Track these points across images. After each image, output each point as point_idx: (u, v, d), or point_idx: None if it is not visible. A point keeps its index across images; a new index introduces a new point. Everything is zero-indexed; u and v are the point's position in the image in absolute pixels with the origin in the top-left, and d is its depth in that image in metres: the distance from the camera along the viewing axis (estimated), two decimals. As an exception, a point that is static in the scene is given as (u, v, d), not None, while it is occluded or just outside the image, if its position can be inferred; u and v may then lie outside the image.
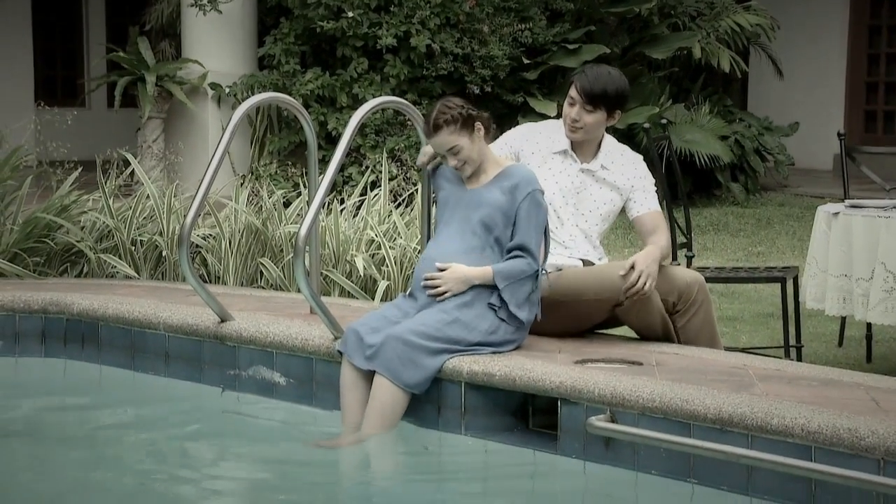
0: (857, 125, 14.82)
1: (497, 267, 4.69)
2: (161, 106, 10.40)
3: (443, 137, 4.72)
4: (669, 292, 4.92)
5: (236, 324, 5.23)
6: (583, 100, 4.98)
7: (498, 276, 4.67)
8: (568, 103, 5.04)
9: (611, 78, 5.03)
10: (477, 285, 4.67)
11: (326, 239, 6.31)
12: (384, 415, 4.53)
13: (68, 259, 6.77)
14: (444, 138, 4.72)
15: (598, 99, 4.98)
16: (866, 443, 3.66)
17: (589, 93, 4.97)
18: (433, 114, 4.74)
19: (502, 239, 4.74)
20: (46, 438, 4.82)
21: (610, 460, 4.20)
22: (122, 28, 13.51)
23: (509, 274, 4.68)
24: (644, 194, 5.10)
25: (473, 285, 4.67)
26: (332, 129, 10.06)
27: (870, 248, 5.17)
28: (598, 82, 4.99)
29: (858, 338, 6.35)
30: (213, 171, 5.02)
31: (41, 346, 5.80)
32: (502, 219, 4.73)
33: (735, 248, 9.42)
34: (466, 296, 4.67)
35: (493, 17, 10.59)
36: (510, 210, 4.72)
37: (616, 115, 5.05)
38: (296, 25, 10.40)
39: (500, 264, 4.70)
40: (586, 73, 5.04)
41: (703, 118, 11.87)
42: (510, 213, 4.72)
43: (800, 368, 4.62)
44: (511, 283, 4.67)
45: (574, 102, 5.01)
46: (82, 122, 10.29)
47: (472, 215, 4.76)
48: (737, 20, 12.25)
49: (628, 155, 5.19)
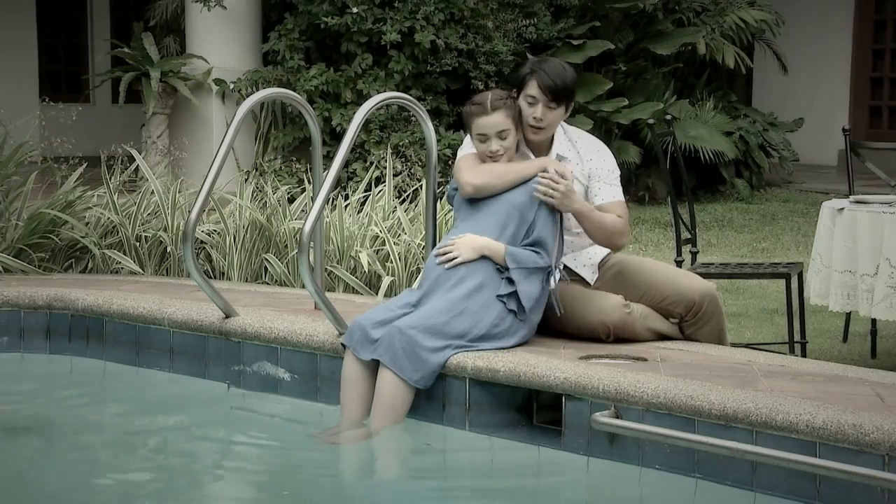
0: (861, 121, 14.80)
1: (510, 248, 4.71)
2: (165, 102, 10.40)
3: (498, 118, 4.80)
4: (676, 303, 4.90)
5: (241, 319, 5.23)
6: (546, 97, 4.84)
7: (509, 257, 4.69)
8: (527, 103, 4.87)
9: (566, 72, 4.89)
10: (486, 276, 4.68)
11: (331, 235, 6.31)
12: (392, 409, 4.53)
13: (73, 255, 6.78)
14: (499, 119, 4.80)
15: (561, 94, 4.85)
16: (871, 438, 3.65)
17: (552, 89, 4.83)
18: (489, 97, 4.83)
19: (517, 236, 4.76)
20: (51, 434, 4.82)
21: (614, 456, 4.20)
22: (126, 23, 13.53)
23: (520, 258, 4.69)
24: (599, 184, 4.95)
25: (481, 280, 4.68)
26: (337, 125, 10.05)
27: (874, 244, 5.16)
28: (559, 78, 4.85)
29: (863, 333, 6.34)
30: (218, 166, 5.02)
31: (46, 342, 5.80)
32: (519, 216, 4.76)
33: (739, 244, 9.42)
34: (475, 280, 4.68)
35: (497, 13, 10.58)
36: (528, 209, 4.75)
37: (571, 107, 4.96)
38: (300, 21, 10.39)
39: (513, 247, 4.72)
40: (544, 70, 4.86)
41: (707, 114, 11.86)
42: (528, 212, 4.75)
43: (804, 364, 4.62)
44: (521, 268, 4.68)
45: (535, 101, 4.86)
46: (87, 118, 10.30)
47: (489, 212, 4.79)
48: (741, 16, 12.24)
49: (583, 141, 5.04)
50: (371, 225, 6.44)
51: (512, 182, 4.80)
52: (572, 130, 5.06)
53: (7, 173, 6.91)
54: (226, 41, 10.58)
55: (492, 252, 4.72)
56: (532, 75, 4.88)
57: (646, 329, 4.88)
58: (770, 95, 14.89)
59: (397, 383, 4.53)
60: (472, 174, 4.83)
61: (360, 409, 4.62)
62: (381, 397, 4.55)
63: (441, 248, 4.78)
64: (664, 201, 11.12)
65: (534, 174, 4.79)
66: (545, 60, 4.98)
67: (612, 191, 4.95)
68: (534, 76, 4.87)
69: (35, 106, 11.26)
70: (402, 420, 4.55)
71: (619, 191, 4.98)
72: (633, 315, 4.84)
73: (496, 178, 4.80)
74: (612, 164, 4.99)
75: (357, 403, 4.63)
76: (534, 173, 4.80)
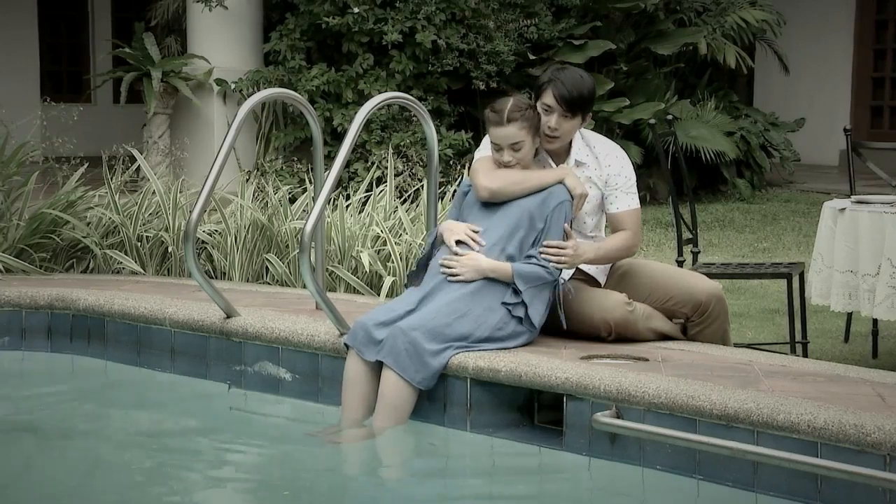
0: (863, 121, 14.79)
1: (517, 267, 4.70)
2: (167, 102, 10.41)
3: (512, 130, 4.77)
4: (684, 303, 4.91)
5: (242, 319, 5.23)
6: (562, 108, 4.85)
7: (518, 278, 4.68)
8: (543, 111, 4.88)
9: (584, 81, 4.89)
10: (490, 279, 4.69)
11: (332, 235, 6.31)
12: (396, 409, 4.54)
13: (74, 255, 6.78)
14: (513, 131, 4.77)
15: (576, 105, 4.87)
16: (872, 439, 3.65)
17: (568, 100, 4.84)
18: (507, 106, 4.78)
19: (526, 242, 4.76)
20: (52, 434, 4.82)
21: (615, 456, 4.20)
22: (127, 24, 13.53)
23: (529, 277, 4.69)
24: (616, 192, 4.97)
25: (485, 282, 4.69)
26: (338, 125, 10.05)
27: (876, 244, 5.16)
28: (575, 88, 4.85)
29: (864, 334, 6.34)
30: (219, 166, 5.02)
31: (47, 342, 5.80)
32: (529, 223, 4.77)
33: (741, 244, 9.41)
34: (479, 282, 4.68)
35: (498, 13, 10.58)
36: (539, 216, 4.76)
37: (588, 116, 4.99)
38: (301, 21, 10.40)
39: (519, 265, 4.71)
40: (561, 80, 4.86)
41: (708, 114, 11.86)
42: (539, 220, 4.76)
43: (806, 364, 4.62)
44: (532, 287, 4.68)
45: (551, 110, 4.87)
46: (88, 118, 10.30)
47: (502, 216, 4.79)
48: (743, 16, 12.24)
49: (601, 146, 5.05)
50: (372, 225, 6.44)
51: (528, 190, 4.80)
52: (589, 135, 5.09)
53: (8, 173, 6.91)
54: (227, 41, 10.59)
55: (498, 274, 4.70)
56: (549, 84, 4.88)
57: (648, 329, 4.88)
58: (771, 95, 14.88)
59: (400, 384, 4.53)
60: (488, 178, 4.83)
61: (362, 410, 4.62)
62: (384, 398, 4.55)
63: (445, 261, 4.76)
64: (665, 201, 11.11)
65: (551, 184, 4.80)
66: (564, 69, 4.98)
67: (628, 199, 4.98)
68: (550, 85, 4.87)
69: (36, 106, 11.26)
70: (406, 420, 4.55)
71: (635, 199, 5.01)
72: (636, 313, 4.84)
73: (513, 185, 4.80)
74: (629, 171, 5.01)
75: (358, 404, 4.63)
76: (551, 183, 4.80)
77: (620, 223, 4.98)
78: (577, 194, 4.82)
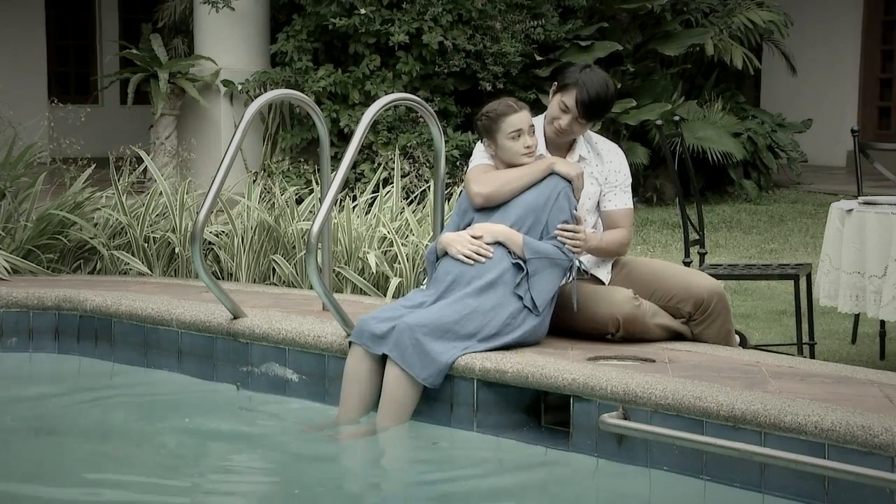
0: (870, 121, 14.78)
1: (528, 239, 4.73)
2: (174, 103, 10.42)
3: (526, 115, 4.88)
4: (685, 301, 4.90)
5: (249, 320, 5.24)
6: (579, 113, 4.86)
7: (528, 247, 4.70)
8: (560, 108, 4.88)
9: (608, 91, 4.87)
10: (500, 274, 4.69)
11: (339, 236, 6.31)
12: (398, 405, 4.54)
13: (81, 256, 6.79)
14: (527, 115, 4.88)
15: (594, 113, 4.88)
16: (880, 440, 3.65)
17: (588, 108, 4.85)
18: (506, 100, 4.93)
19: (531, 236, 4.77)
20: (59, 434, 4.83)
21: (622, 457, 4.20)
22: (134, 25, 13.54)
23: (540, 250, 4.70)
24: (614, 189, 5.01)
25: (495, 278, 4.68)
26: (345, 126, 10.06)
27: (883, 245, 5.16)
28: (599, 99, 4.84)
29: (872, 335, 6.33)
30: (226, 167, 5.03)
31: (55, 343, 5.81)
32: (533, 218, 4.78)
33: (748, 245, 9.40)
34: (488, 277, 4.68)
35: (505, 14, 10.58)
36: (542, 210, 4.78)
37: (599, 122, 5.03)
38: (308, 22, 10.40)
39: (531, 238, 4.74)
40: (587, 87, 4.83)
41: (715, 115, 11.85)
42: (542, 213, 4.79)
43: (813, 365, 4.61)
44: (540, 258, 4.68)
45: (567, 111, 4.87)
46: (95, 119, 10.31)
47: (504, 214, 4.81)
48: (750, 17, 12.23)
49: (602, 144, 5.08)
50: (379, 226, 6.44)
51: (521, 187, 4.81)
52: (589, 132, 5.10)
53: (16, 174, 6.92)
54: (234, 42, 10.60)
55: (509, 240, 4.73)
56: (574, 87, 4.86)
57: (655, 325, 4.87)
58: (778, 96, 14.87)
59: (405, 380, 4.53)
60: (480, 184, 4.85)
61: (359, 407, 4.63)
62: (387, 393, 4.55)
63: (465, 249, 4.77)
64: (672, 202, 11.10)
65: (542, 176, 4.81)
66: (592, 70, 4.94)
67: (624, 198, 5.02)
68: (576, 88, 4.85)
69: (44, 107, 11.28)
70: (408, 419, 4.55)
71: (629, 197, 5.05)
72: (643, 308, 4.84)
73: (504, 185, 4.81)
74: (627, 170, 5.07)
75: (356, 401, 4.63)
76: (542, 174, 4.82)
77: (617, 220, 5.00)
78: (574, 175, 4.83)
